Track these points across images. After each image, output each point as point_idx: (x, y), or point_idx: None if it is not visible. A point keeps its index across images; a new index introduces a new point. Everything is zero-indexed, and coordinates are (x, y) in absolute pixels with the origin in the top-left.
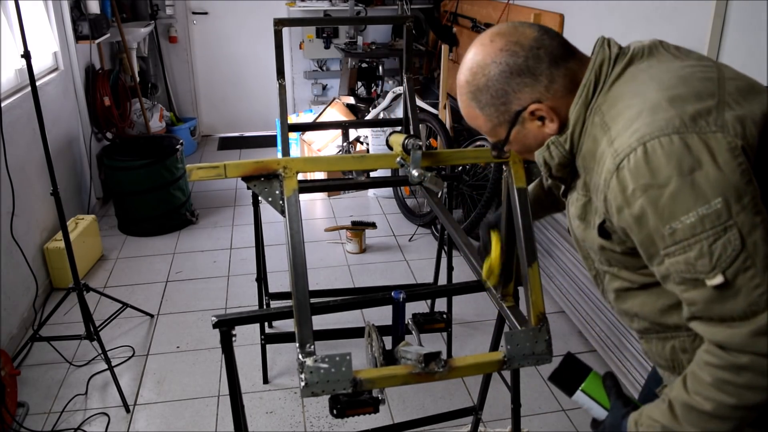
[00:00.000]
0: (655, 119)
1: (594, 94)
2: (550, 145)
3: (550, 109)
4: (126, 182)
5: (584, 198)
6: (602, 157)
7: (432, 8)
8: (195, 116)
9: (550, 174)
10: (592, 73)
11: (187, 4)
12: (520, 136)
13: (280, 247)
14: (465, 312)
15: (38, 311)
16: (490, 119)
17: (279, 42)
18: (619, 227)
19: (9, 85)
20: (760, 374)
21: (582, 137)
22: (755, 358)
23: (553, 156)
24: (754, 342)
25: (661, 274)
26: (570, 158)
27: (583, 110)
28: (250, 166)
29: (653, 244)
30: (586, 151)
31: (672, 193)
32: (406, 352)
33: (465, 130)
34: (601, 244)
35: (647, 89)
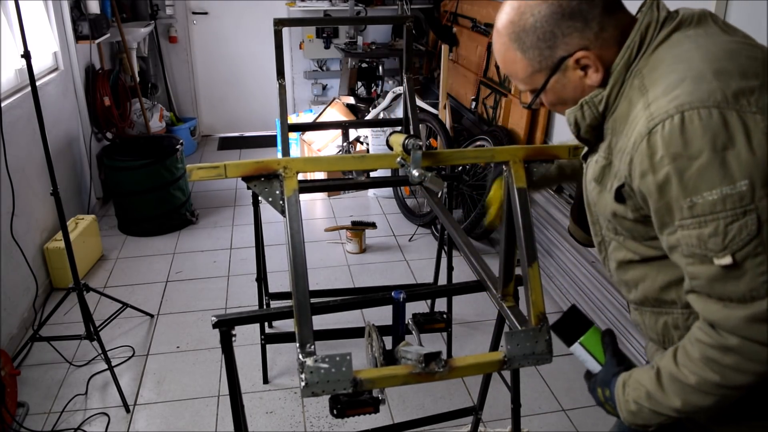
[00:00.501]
0: (698, 89)
1: (637, 56)
2: (584, 105)
3: (597, 58)
4: (126, 182)
5: (605, 161)
6: (635, 119)
7: (432, 8)
8: (195, 116)
9: (578, 134)
10: (638, 35)
11: (187, 4)
12: (558, 86)
13: (280, 247)
14: (465, 312)
15: (38, 311)
16: (531, 64)
17: (279, 42)
18: (639, 192)
19: (9, 85)
20: (746, 358)
21: (618, 99)
22: (745, 343)
23: (586, 117)
24: (747, 326)
25: (669, 245)
26: (601, 120)
27: (623, 71)
28: (250, 166)
29: (669, 213)
30: (619, 113)
31: (700, 167)
32: (406, 352)
33: (465, 130)
34: (614, 210)
35: (693, 57)
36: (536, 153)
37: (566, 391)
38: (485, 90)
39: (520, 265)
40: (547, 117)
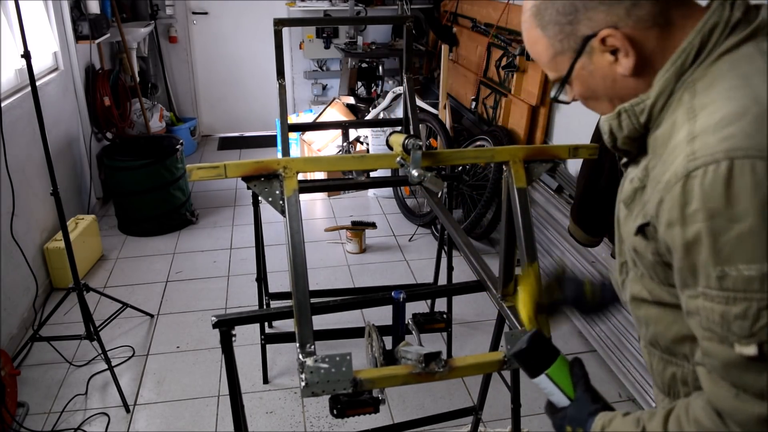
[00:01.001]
0: (760, 131)
1: (693, 63)
2: (622, 113)
3: (627, 39)
4: (126, 182)
5: (639, 183)
6: (675, 150)
7: (432, 8)
8: (195, 116)
9: (614, 145)
10: (698, 37)
11: (187, 4)
12: (585, 73)
13: (280, 247)
14: (465, 312)
15: (38, 311)
16: (552, 44)
17: (279, 42)
18: (663, 241)
19: (9, 85)
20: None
21: (663, 113)
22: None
23: (623, 127)
24: (759, 425)
25: (687, 308)
26: (643, 132)
27: (673, 80)
28: (250, 166)
29: (693, 276)
30: (661, 132)
31: (741, 234)
32: (407, 352)
33: (465, 130)
34: (634, 244)
35: (762, 84)
36: (536, 153)
37: None
38: (485, 90)
39: (520, 265)
40: (547, 117)
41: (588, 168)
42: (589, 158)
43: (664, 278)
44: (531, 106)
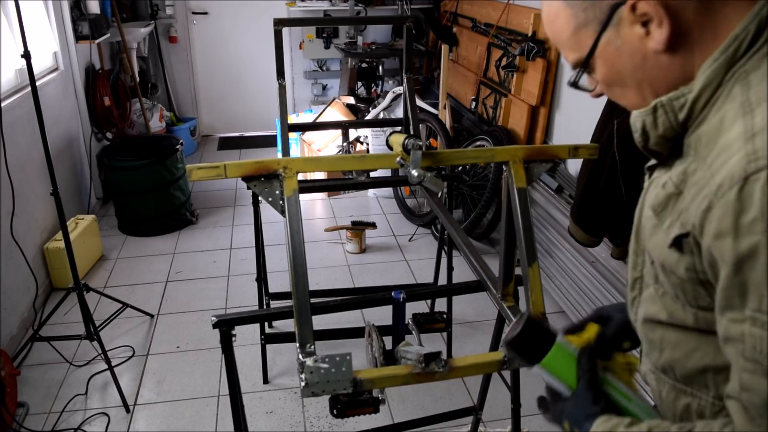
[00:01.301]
0: None
1: (747, 52)
2: (659, 107)
3: (662, 7)
4: (126, 182)
5: (674, 188)
6: (728, 148)
7: (432, 8)
8: (195, 116)
9: (645, 145)
10: (755, 22)
11: (187, 4)
12: (611, 50)
13: (280, 247)
14: (465, 312)
15: (38, 311)
16: (575, 14)
17: (279, 42)
18: (707, 254)
19: (9, 85)
20: None
21: (707, 109)
22: None
23: (658, 125)
24: None
25: (727, 334)
26: (679, 131)
27: (722, 71)
28: (250, 166)
29: (742, 297)
30: (705, 130)
31: None
32: (407, 352)
33: (465, 130)
34: (663, 259)
35: None
36: (536, 153)
37: None
38: (485, 90)
39: (520, 265)
40: (547, 117)
41: (588, 168)
42: (589, 158)
43: (692, 299)
44: (531, 106)
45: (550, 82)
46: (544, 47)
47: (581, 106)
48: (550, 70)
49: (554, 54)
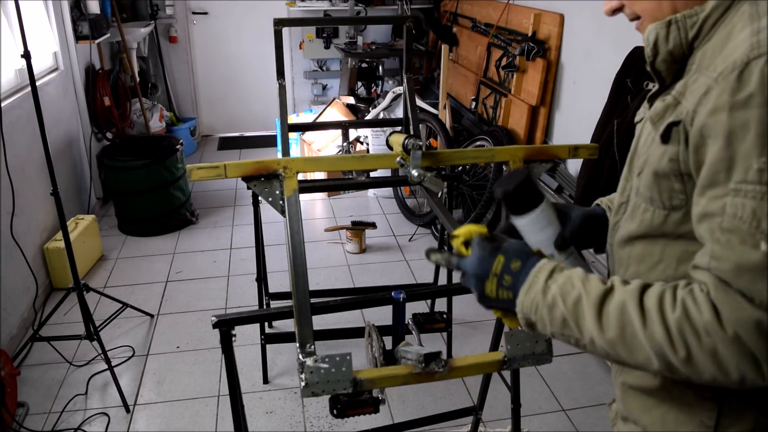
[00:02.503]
0: None
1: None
2: (673, 23)
3: None
4: (126, 182)
5: (673, 100)
6: (732, 51)
7: (432, 8)
8: (195, 116)
9: (652, 61)
10: None
11: (187, 4)
12: None
13: (280, 247)
14: (465, 312)
15: (38, 311)
16: None
17: (279, 42)
18: (696, 134)
19: (9, 85)
20: (727, 358)
21: (716, 28)
22: (741, 343)
23: (669, 40)
24: (754, 333)
25: (705, 211)
26: (686, 52)
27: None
28: (250, 166)
29: (728, 171)
30: (712, 45)
31: None
32: (407, 352)
33: (465, 130)
34: (649, 159)
35: None
36: (536, 153)
37: (566, 391)
38: (485, 90)
39: None
40: (547, 117)
41: (588, 168)
42: (589, 158)
43: (667, 198)
44: (531, 106)
45: (550, 82)
46: (544, 47)
47: (581, 106)
48: (550, 70)
49: (554, 54)
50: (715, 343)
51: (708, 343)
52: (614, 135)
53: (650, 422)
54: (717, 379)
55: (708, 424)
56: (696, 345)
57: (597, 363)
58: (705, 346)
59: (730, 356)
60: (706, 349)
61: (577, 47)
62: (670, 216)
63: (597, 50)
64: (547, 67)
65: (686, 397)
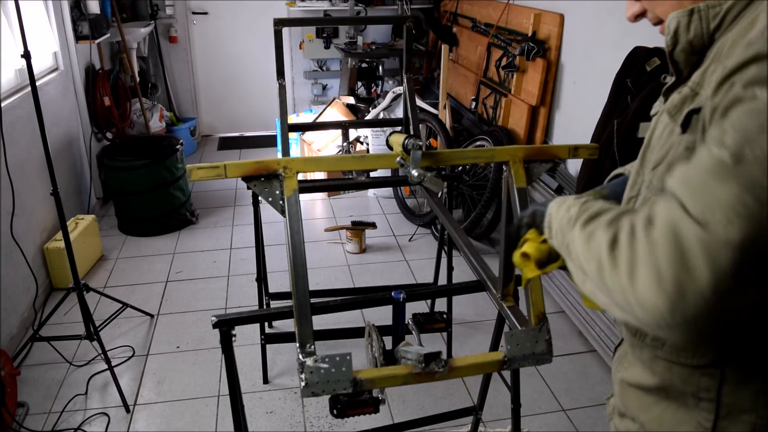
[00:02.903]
0: None
1: None
2: (695, 12)
3: None
4: (126, 182)
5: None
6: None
7: (432, 8)
8: (195, 116)
9: (671, 51)
10: None
11: (187, 4)
12: None
13: (280, 247)
14: (465, 312)
15: (38, 311)
16: None
17: (279, 42)
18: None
19: (9, 85)
20: (643, 256)
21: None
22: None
23: (690, 29)
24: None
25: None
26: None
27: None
28: (250, 166)
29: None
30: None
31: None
32: (407, 352)
33: (465, 130)
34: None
35: None
36: (536, 153)
37: (566, 391)
38: (485, 90)
39: None
40: (547, 117)
41: (588, 168)
42: (589, 158)
43: None
44: (531, 106)
45: (550, 82)
46: (544, 47)
47: (581, 106)
48: (550, 70)
49: (554, 54)
50: (642, 237)
51: (639, 238)
52: (614, 135)
53: (648, 420)
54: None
55: (705, 426)
56: (626, 238)
57: (597, 363)
58: (636, 241)
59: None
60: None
61: (577, 47)
62: None
63: (597, 50)
64: (547, 67)
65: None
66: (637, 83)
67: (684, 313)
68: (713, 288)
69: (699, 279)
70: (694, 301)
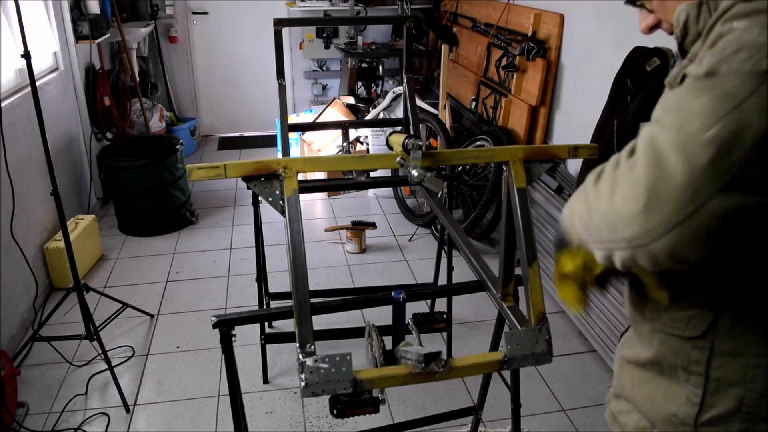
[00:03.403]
0: None
1: None
2: (704, 4)
3: None
4: (126, 182)
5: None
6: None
7: (432, 8)
8: (195, 116)
9: (681, 42)
10: None
11: (187, 4)
12: None
13: (280, 247)
14: (465, 312)
15: (38, 311)
16: None
17: (279, 42)
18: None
19: (9, 85)
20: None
21: None
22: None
23: (700, 20)
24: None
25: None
26: None
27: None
28: (250, 166)
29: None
30: None
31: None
32: (407, 352)
33: (465, 130)
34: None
35: None
36: (536, 153)
37: (566, 391)
38: (485, 90)
39: (520, 265)
40: (547, 117)
41: (588, 168)
42: (589, 158)
43: None
44: (531, 106)
45: (550, 82)
46: (544, 47)
47: (581, 106)
48: (550, 70)
49: (554, 54)
50: (624, 163)
51: (621, 165)
52: (614, 135)
53: (640, 397)
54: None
55: (694, 401)
56: (610, 169)
57: (597, 363)
58: (618, 167)
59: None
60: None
61: (577, 47)
62: None
63: (597, 50)
64: (547, 67)
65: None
66: (637, 83)
67: (661, 215)
68: (687, 182)
69: (673, 176)
70: (668, 199)
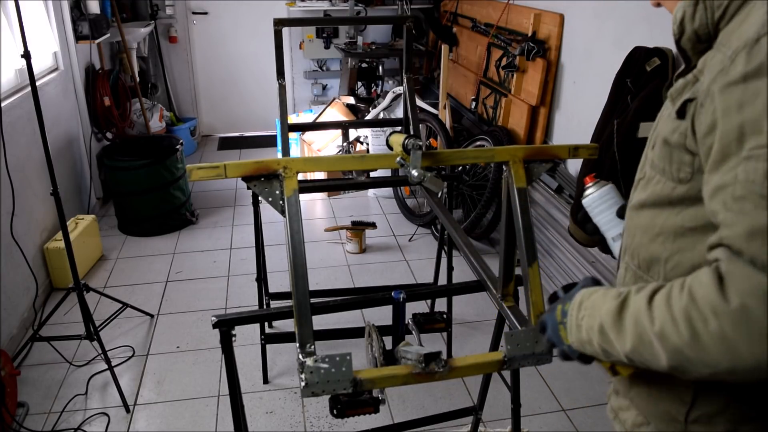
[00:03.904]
0: None
1: None
2: (701, 2)
3: None
4: (126, 182)
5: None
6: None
7: (432, 8)
8: (195, 116)
9: (679, 39)
10: None
11: (187, 4)
12: None
13: (280, 247)
14: (465, 312)
15: (38, 311)
16: None
17: (279, 42)
18: (709, 113)
19: (9, 85)
20: (736, 334)
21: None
22: (747, 312)
23: (696, 19)
24: (762, 298)
25: (717, 185)
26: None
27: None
28: (250, 166)
29: (739, 140)
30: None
31: None
32: (407, 352)
33: (465, 130)
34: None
35: None
36: (536, 153)
37: (566, 391)
38: (485, 90)
39: (520, 265)
40: (547, 117)
41: (588, 168)
42: (589, 158)
43: (675, 170)
44: (531, 106)
45: (550, 82)
46: (544, 47)
47: (581, 106)
48: (550, 70)
49: (554, 54)
50: (721, 323)
51: (714, 325)
52: (614, 135)
53: (636, 394)
54: (734, 367)
55: (685, 399)
56: (703, 328)
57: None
58: (712, 328)
59: (739, 335)
60: (713, 332)
61: (577, 47)
62: (676, 189)
63: (597, 50)
64: (547, 67)
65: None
66: (637, 83)
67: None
68: None
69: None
70: None
